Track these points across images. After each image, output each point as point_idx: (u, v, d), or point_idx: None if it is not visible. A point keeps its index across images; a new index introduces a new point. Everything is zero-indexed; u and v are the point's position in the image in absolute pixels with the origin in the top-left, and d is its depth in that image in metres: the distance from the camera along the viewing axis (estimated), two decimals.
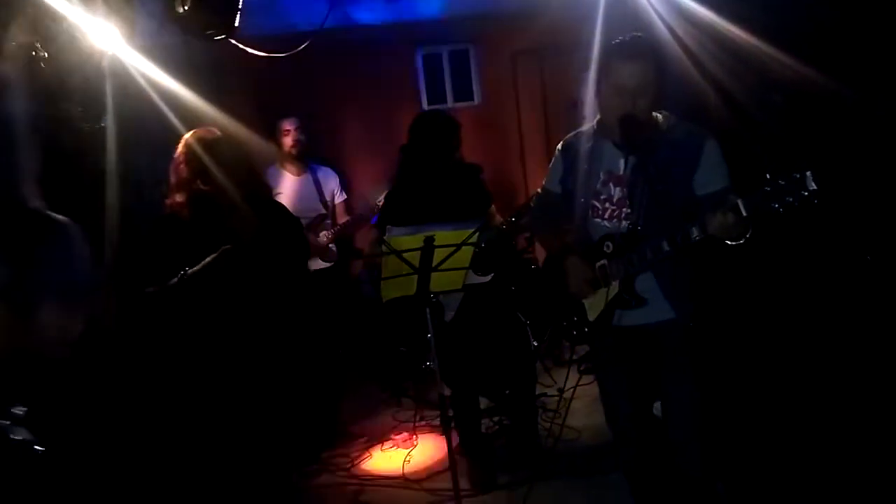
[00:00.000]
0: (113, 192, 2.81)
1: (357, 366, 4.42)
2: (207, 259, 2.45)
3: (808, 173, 1.80)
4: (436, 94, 5.26)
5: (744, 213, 1.90)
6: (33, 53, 2.65)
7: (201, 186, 2.48)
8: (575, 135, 2.39)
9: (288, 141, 4.03)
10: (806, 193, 1.81)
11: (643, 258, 2.17)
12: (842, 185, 2.03)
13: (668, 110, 2.26)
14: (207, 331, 2.52)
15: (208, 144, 2.51)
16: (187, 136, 2.56)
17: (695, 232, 2.02)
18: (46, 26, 2.66)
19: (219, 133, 2.59)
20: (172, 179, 2.52)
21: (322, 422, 3.79)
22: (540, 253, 4.19)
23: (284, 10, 4.29)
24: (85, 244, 1.54)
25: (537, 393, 3.71)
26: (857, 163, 2.68)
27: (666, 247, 2.10)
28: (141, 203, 2.99)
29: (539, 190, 2.61)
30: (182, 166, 2.51)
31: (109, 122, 2.86)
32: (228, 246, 2.46)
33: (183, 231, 2.51)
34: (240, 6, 3.01)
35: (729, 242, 2.01)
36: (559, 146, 2.44)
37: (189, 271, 2.43)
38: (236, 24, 3.05)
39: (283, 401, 2.64)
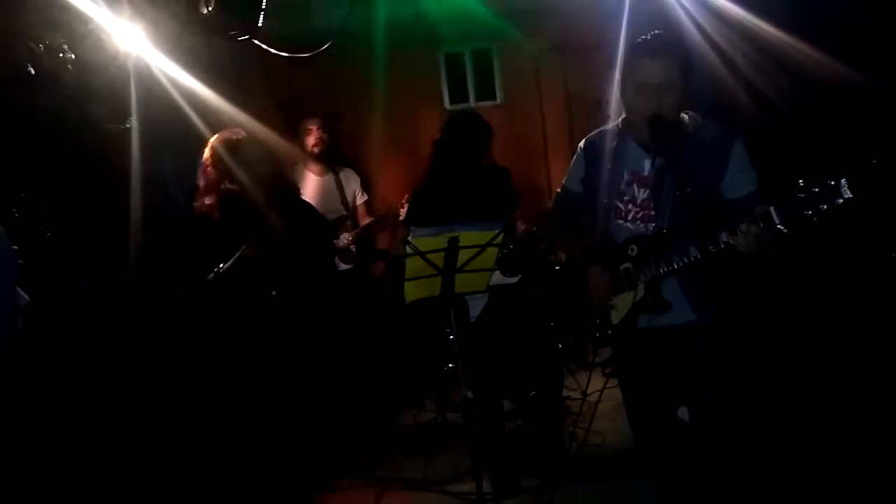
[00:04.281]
0: (137, 192, 2.84)
1: (378, 367, 4.41)
2: (237, 254, 2.47)
3: (844, 180, 1.74)
4: (458, 94, 5.24)
5: (776, 222, 1.85)
6: (60, 55, 2.68)
7: (229, 187, 2.51)
8: (598, 133, 2.35)
9: (311, 140, 4.03)
10: (841, 201, 1.75)
11: (671, 262, 2.12)
12: (879, 188, 1.96)
13: (697, 109, 2.21)
14: (236, 332, 2.53)
15: (233, 145, 2.54)
16: (213, 138, 2.59)
17: (724, 237, 1.98)
18: (73, 27, 2.68)
19: (243, 134, 2.61)
20: (201, 182, 2.55)
21: (343, 424, 3.78)
22: (563, 254, 4.15)
23: (306, 11, 4.29)
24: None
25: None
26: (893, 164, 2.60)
27: (695, 252, 2.06)
28: (165, 203, 3.01)
29: (559, 190, 2.57)
30: (209, 168, 2.54)
31: (134, 123, 2.88)
32: (252, 241, 2.48)
33: (213, 232, 2.53)
34: (263, 7, 3.01)
35: (747, 252, 1.95)
36: (581, 144, 2.40)
37: (223, 267, 2.45)
38: (259, 24, 3.06)
39: (306, 401, 2.63)
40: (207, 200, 2.55)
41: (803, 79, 2.80)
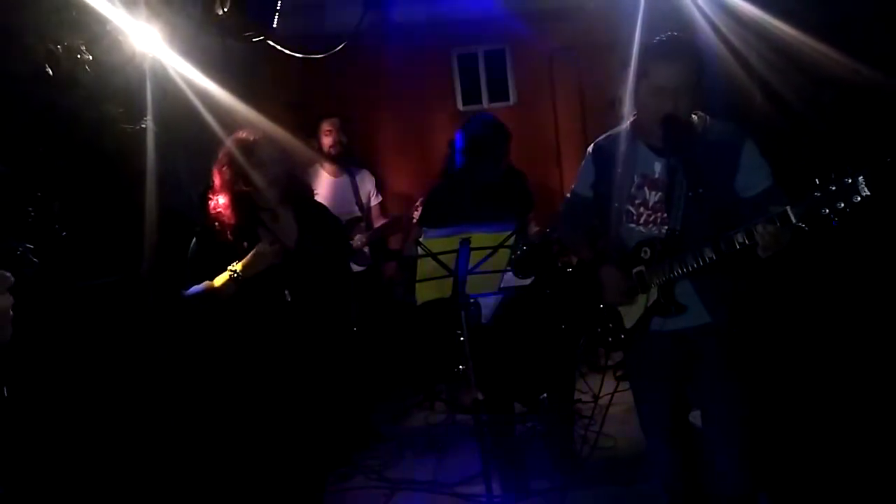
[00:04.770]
0: (152, 192, 2.85)
1: (389, 368, 4.41)
2: (253, 251, 2.46)
3: (861, 178, 1.72)
4: (471, 95, 5.23)
5: (793, 221, 1.83)
6: (78, 56, 2.71)
7: (243, 188, 2.50)
8: (606, 137, 2.35)
9: (328, 141, 4.04)
10: (859, 199, 1.73)
11: (685, 265, 2.10)
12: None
13: (712, 110, 2.19)
14: (248, 331, 2.54)
15: (249, 147, 2.53)
16: (229, 139, 2.59)
17: (740, 238, 1.95)
18: (91, 29, 2.71)
19: (259, 135, 2.60)
20: (216, 181, 2.54)
21: (354, 424, 3.79)
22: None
23: (321, 12, 4.31)
24: None
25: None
26: None
27: (710, 253, 2.04)
28: (179, 203, 3.03)
29: (568, 195, 2.56)
30: (225, 168, 2.53)
31: (149, 124, 2.90)
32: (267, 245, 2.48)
33: (225, 234, 2.52)
34: (277, 8, 3.03)
35: (765, 253, 1.92)
36: (590, 149, 2.39)
37: (240, 272, 2.44)
38: (274, 25, 3.08)
39: (318, 402, 2.64)
40: (221, 200, 2.55)
41: (820, 78, 2.77)
